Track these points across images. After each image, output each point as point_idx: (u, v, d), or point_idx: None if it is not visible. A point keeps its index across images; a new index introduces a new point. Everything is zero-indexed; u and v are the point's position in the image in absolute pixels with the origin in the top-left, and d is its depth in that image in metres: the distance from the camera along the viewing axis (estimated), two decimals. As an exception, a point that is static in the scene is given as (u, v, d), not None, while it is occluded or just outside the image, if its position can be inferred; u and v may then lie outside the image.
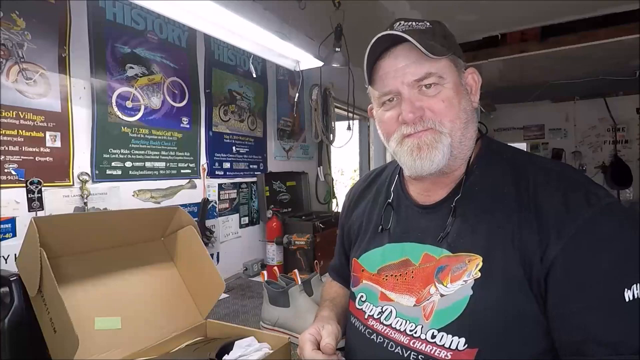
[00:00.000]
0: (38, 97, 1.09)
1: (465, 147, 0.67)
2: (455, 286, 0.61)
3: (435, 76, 0.64)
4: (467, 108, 0.67)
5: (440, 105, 0.65)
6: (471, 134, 0.68)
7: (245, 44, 1.48)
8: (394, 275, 0.70)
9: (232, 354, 0.91)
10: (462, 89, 0.67)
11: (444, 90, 0.65)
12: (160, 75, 1.45)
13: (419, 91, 0.65)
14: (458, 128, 0.65)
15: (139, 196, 1.38)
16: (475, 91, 0.70)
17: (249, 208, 1.94)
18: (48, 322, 0.81)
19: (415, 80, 0.65)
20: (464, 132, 0.66)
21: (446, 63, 0.65)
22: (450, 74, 0.66)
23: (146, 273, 1.07)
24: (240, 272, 1.82)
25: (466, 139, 0.67)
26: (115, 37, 1.30)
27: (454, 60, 0.67)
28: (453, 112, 0.65)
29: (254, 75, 1.87)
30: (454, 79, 0.66)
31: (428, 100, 0.65)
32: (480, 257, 0.61)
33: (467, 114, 0.67)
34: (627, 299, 0.51)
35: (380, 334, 0.69)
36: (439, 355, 0.60)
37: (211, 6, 1.14)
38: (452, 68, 0.66)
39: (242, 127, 1.92)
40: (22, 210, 1.05)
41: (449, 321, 0.60)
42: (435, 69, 0.64)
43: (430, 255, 0.66)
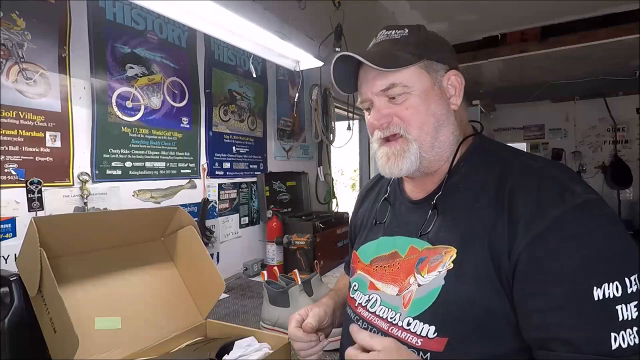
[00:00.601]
0: (38, 97, 1.09)
1: (442, 149, 0.70)
2: (430, 276, 0.64)
3: (400, 86, 0.68)
4: (438, 112, 0.69)
5: (406, 113, 0.68)
6: (446, 136, 0.70)
7: (245, 44, 1.48)
8: (382, 266, 0.74)
9: (232, 354, 0.92)
10: (435, 94, 0.69)
11: (410, 98, 0.68)
12: (160, 75, 1.45)
13: (389, 99, 0.69)
14: (427, 133, 0.68)
15: (139, 196, 1.38)
16: (458, 93, 0.71)
17: (249, 208, 1.94)
18: (48, 322, 0.81)
19: (382, 90, 0.69)
20: (435, 136, 0.69)
21: (414, 71, 0.68)
22: (418, 81, 0.68)
23: (146, 273, 1.07)
24: (240, 272, 1.82)
25: (440, 141, 0.69)
26: (115, 37, 1.30)
27: (426, 66, 0.69)
28: (419, 119, 0.68)
29: (254, 75, 1.87)
30: (424, 86, 0.68)
31: (395, 108, 0.69)
32: (454, 249, 0.63)
33: (437, 118, 0.69)
34: (597, 297, 0.51)
35: (366, 320, 0.73)
36: (411, 342, 0.63)
37: (211, 6, 1.14)
38: (421, 75, 0.68)
39: (242, 127, 1.92)
40: (22, 210, 1.05)
41: (422, 309, 0.64)
42: (399, 79, 0.67)
43: (415, 248, 0.69)
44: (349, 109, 2.53)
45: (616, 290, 0.51)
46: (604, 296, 0.51)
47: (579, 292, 0.52)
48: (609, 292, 0.51)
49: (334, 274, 1.81)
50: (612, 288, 0.51)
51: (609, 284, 0.51)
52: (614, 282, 0.51)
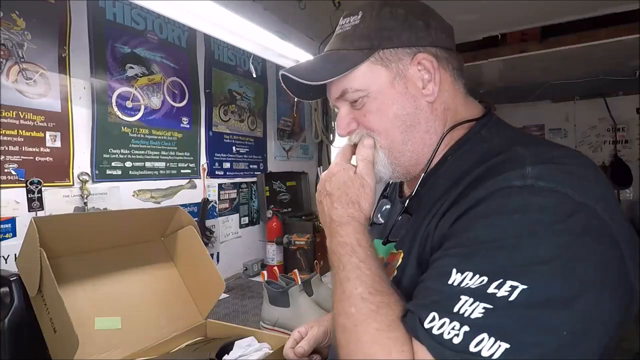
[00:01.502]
0: (38, 97, 1.08)
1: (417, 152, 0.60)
2: None
3: (352, 91, 0.59)
4: (403, 112, 0.59)
5: (366, 118, 0.60)
6: (420, 137, 0.60)
7: (245, 44, 1.48)
8: None
9: (232, 354, 0.92)
10: (397, 91, 0.58)
11: (367, 101, 0.59)
12: (160, 75, 1.45)
13: (351, 104, 0.62)
14: (392, 139, 0.60)
15: (139, 196, 1.38)
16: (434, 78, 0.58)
17: (249, 208, 1.94)
18: (48, 322, 0.81)
19: (337, 98, 0.62)
20: (405, 140, 0.59)
21: (367, 69, 0.58)
22: (373, 81, 0.58)
23: (146, 273, 1.07)
24: (240, 272, 1.82)
25: (413, 144, 0.60)
26: (115, 37, 1.30)
27: (382, 58, 0.58)
28: (382, 125, 0.59)
29: (254, 75, 1.87)
30: (379, 85, 0.58)
31: (357, 113, 0.61)
32: (402, 253, 0.58)
33: (404, 120, 0.59)
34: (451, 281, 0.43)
35: None
36: None
37: (211, 6, 1.14)
38: (376, 72, 0.58)
39: (242, 127, 1.92)
40: (22, 210, 1.05)
41: None
42: (349, 84, 0.59)
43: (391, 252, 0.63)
44: (349, 109, 2.52)
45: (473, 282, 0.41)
46: (458, 284, 0.42)
47: (441, 269, 0.45)
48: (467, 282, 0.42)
49: (334, 274, 1.81)
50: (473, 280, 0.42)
51: (474, 274, 0.42)
52: (481, 276, 0.41)
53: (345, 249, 0.55)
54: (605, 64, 3.09)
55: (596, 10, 2.05)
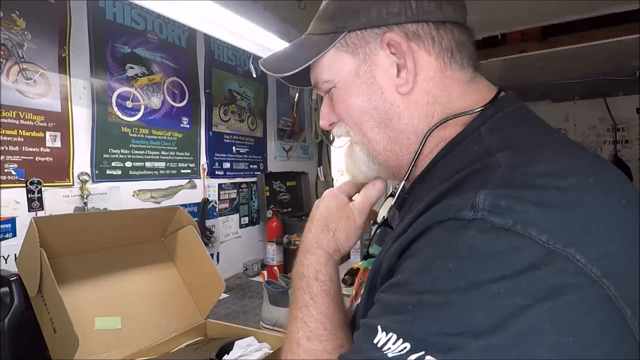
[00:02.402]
0: (38, 97, 1.08)
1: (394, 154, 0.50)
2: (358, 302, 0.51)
3: (321, 82, 0.51)
4: (370, 106, 0.48)
5: (337, 111, 0.52)
6: (396, 136, 0.48)
7: (245, 44, 1.48)
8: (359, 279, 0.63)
9: (232, 354, 0.92)
10: (361, 81, 0.48)
11: (336, 92, 0.51)
12: (160, 75, 1.45)
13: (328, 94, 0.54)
14: (365, 135, 0.50)
15: (139, 196, 1.38)
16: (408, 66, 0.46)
17: (249, 208, 1.94)
18: (48, 322, 0.81)
19: (314, 88, 0.55)
20: (379, 137, 0.49)
21: (331, 57, 0.49)
22: (336, 71, 0.49)
23: (146, 273, 1.07)
24: (240, 272, 1.82)
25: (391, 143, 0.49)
26: (115, 37, 1.30)
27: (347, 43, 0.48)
28: (352, 118, 0.50)
29: (254, 75, 1.87)
30: (344, 74, 0.49)
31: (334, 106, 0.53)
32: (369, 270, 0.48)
33: (371, 115, 0.48)
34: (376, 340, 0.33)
35: None
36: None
37: (211, 6, 1.14)
38: (340, 59, 0.49)
39: (242, 127, 1.92)
40: (22, 210, 1.05)
41: None
42: (318, 73, 0.51)
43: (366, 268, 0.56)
44: (349, 109, 2.52)
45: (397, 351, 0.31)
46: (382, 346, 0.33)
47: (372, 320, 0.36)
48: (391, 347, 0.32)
49: (334, 274, 1.81)
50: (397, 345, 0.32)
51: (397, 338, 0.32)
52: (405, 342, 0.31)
53: (302, 282, 0.51)
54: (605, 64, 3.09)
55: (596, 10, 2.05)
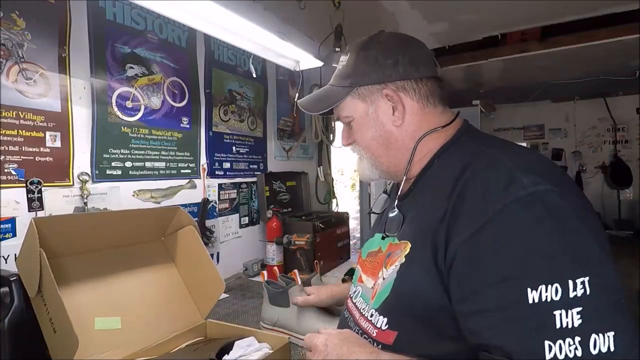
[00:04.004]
0: (38, 97, 1.08)
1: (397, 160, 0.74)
2: (390, 270, 0.65)
3: (342, 117, 0.78)
4: (377, 135, 0.74)
5: (355, 137, 0.78)
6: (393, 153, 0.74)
7: (245, 44, 1.48)
8: (370, 261, 0.78)
9: (232, 354, 0.92)
10: (371, 118, 0.74)
11: (354, 125, 0.77)
12: (160, 75, 1.45)
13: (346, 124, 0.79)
14: (372, 154, 0.76)
15: (139, 196, 1.38)
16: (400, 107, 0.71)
17: (249, 208, 1.94)
18: (48, 322, 0.81)
19: (337, 119, 0.81)
20: (383, 154, 0.75)
21: (349, 102, 0.75)
22: (355, 111, 0.75)
23: (146, 273, 1.07)
24: (240, 272, 1.82)
25: (391, 157, 0.75)
26: (115, 37, 1.30)
27: (359, 93, 0.74)
28: (365, 143, 0.76)
29: (254, 75, 1.87)
30: (359, 113, 0.75)
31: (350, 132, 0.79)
32: (409, 244, 0.63)
33: (378, 140, 0.74)
34: (531, 300, 0.46)
35: (349, 310, 0.78)
36: (370, 332, 0.67)
37: (211, 6, 1.14)
38: (356, 104, 0.75)
39: (242, 127, 1.92)
40: (22, 210, 1.05)
41: (380, 302, 0.65)
42: (340, 111, 0.77)
43: (392, 244, 0.71)
44: (349, 109, 2.52)
45: (555, 294, 0.45)
46: (539, 299, 0.46)
47: (512, 294, 0.48)
48: (546, 295, 0.46)
49: (334, 274, 1.81)
50: (550, 291, 0.46)
51: (546, 285, 0.46)
52: (553, 284, 0.46)
53: None
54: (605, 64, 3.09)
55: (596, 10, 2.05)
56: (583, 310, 0.45)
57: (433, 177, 0.68)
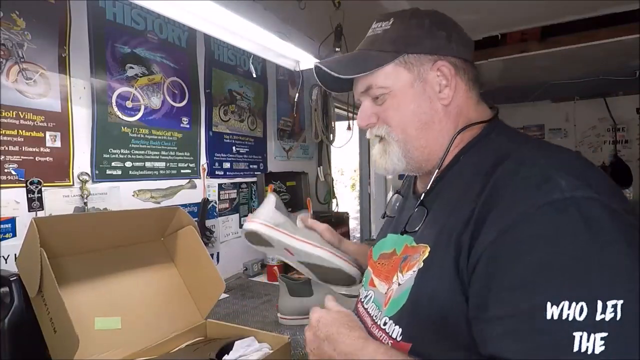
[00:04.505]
0: (38, 97, 1.08)
1: (432, 148, 0.66)
2: (407, 276, 0.60)
3: (376, 87, 0.66)
4: (420, 111, 0.64)
5: (386, 114, 0.66)
6: (435, 135, 0.65)
7: (245, 44, 1.48)
8: (382, 263, 0.73)
9: (232, 354, 0.92)
10: (416, 92, 0.64)
11: (389, 99, 0.66)
12: (160, 75, 1.45)
13: (374, 99, 0.68)
14: (410, 135, 0.65)
15: (139, 196, 1.38)
16: (451, 84, 0.64)
17: (249, 208, 1.94)
18: (48, 322, 0.81)
19: (362, 92, 0.68)
20: (420, 137, 0.65)
21: (391, 70, 0.65)
22: (396, 81, 0.65)
23: (146, 273, 1.07)
24: (240, 272, 1.82)
25: (428, 141, 0.65)
26: (115, 37, 1.30)
27: (406, 61, 0.64)
28: (401, 121, 0.65)
29: (254, 75, 1.87)
30: (401, 84, 0.65)
31: (378, 109, 0.67)
32: (428, 248, 0.58)
33: (420, 118, 0.64)
34: (549, 316, 0.41)
35: (360, 316, 0.72)
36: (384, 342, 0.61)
37: (211, 6, 1.14)
38: (399, 73, 0.65)
39: (242, 127, 1.92)
40: (22, 210, 1.05)
41: (396, 310, 0.60)
42: (374, 81, 0.66)
43: (407, 246, 0.65)
44: (349, 109, 2.53)
45: (579, 313, 0.40)
46: (559, 317, 0.41)
47: (528, 304, 0.43)
48: (568, 312, 0.40)
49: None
50: (574, 309, 0.40)
51: (570, 302, 0.40)
52: (579, 302, 0.40)
53: None
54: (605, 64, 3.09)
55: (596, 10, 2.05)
56: (609, 336, 0.39)
57: (459, 175, 0.62)
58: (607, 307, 0.40)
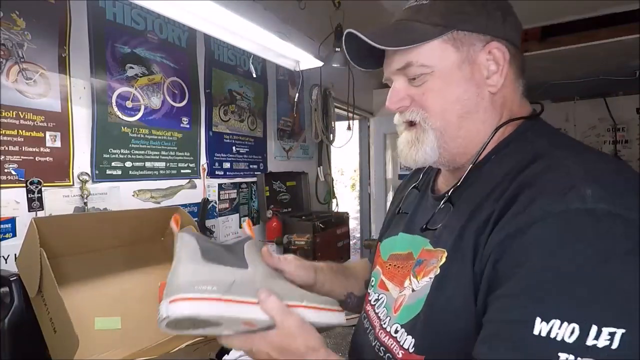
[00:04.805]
0: (38, 97, 1.08)
1: (468, 141, 0.59)
2: (423, 282, 0.56)
3: (417, 65, 0.57)
4: (464, 97, 0.57)
5: (423, 97, 0.58)
6: (476, 126, 0.58)
7: (245, 44, 1.48)
8: (396, 266, 0.67)
9: (232, 354, 0.92)
10: (463, 74, 0.57)
11: (430, 80, 0.57)
12: (160, 75, 1.45)
13: (409, 79, 0.59)
14: (449, 123, 0.58)
15: (139, 196, 1.38)
16: (501, 70, 0.57)
17: (249, 208, 1.94)
18: (48, 322, 0.81)
19: (398, 70, 0.59)
20: (459, 126, 0.58)
21: (437, 46, 0.56)
22: (440, 59, 0.56)
23: (146, 273, 1.07)
24: (240, 272, 1.81)
25: (466, 132, 0.58)
26: (115, 37, 1.29)
27: (454, 39, 0.56)
28: (440, 106, 0.57)
29: (254, 75, 1.87)
30: (447, 64, 0.56)
31: (413, 91, 0.59)
32: (446, 252, 0.53)
33: (463, 105, 0.57)
34: (537, 331, 0.39)
35: (369, 319, 0.68)
36: (394, 350, 0.57)
37: (211, 6, 1.14)
38: (446, 51, 0.56)
39: (242, 127, 1.92)
40: (22, 210, 1.05)
41: (409, 318, 0.56)
42: (416, 57, 0.56)
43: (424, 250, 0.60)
44: (349, 109, 2.53)
45: (569, 334, 0.37)
46: (547, 334, 0.38)
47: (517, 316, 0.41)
48: (557, 332, 0.38)
49: (334, 274, 1.81)
50: (564, 329, 0.38)
51: (562, 322, 0.38)
52: (571, 322, 0.38)
53: None
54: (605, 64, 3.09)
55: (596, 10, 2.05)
56: None
57: (489, 174, 0.56)
58: (601, 332, 0.37)
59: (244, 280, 0.56)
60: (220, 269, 0.55)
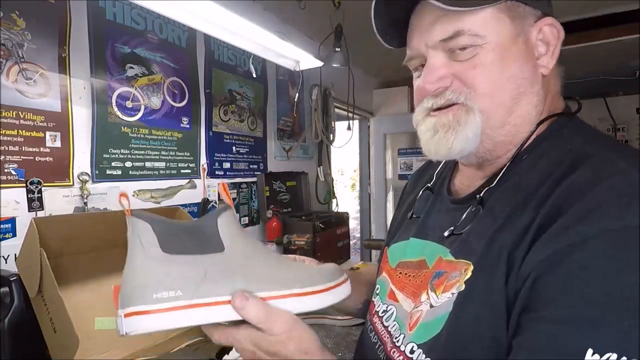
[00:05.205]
0: (38, 97, 1.08)
1: (516, 128, 0.51)
2: (444, 298, 0.49)
3: (468, 35, 0.48)
4: (519, 76, 0.49)
5: (472, 73, 0.49)
6: (526, 112, 0.50)
7: (245, 44, 1.48)
8: (407, 274, 0.60)
9: (232, 354, 0.92)
10: (518, 49, 0.49)
11: (481, 52, 0.48)
12: (160, 75, 1.45)
13: (450, 54, 0.50)
14: (500, 104, 0.49)
15: (139, 196, 1.38)
16: (551, 51, 0.51)
17: (249, 208, 1.94)
18: (48, 322, 0.81)
19: (442, 40, 0.50)
20: (511, 109, 0.50)
21: (492, 15, 0.48)
22: (495, 30, 0.48)
23: (146, 273, 1.07)
24: (240, 272, 1.81)
25: (516, 118, 0.50)
26: (115, 37, 1.30)
27: (509, 8, 0.49)
28: (492, 83, 0.49)
29: (254, 75, 1.87)
30: (502, 36, 0.48)
31: (457, 67, 0.50)
32: (471, 265, 0.47)
33: (518, 85, 0.49)
34: None
35: (377, 334, 0.61)
36: None
37: (211, 6, 1.14)
38: (501, 21, 0.48)
39: (242, 127, 1.92)
40: (22, 210, 1.05)
41: (428, 338, 0.49)
42: (469, 25, 0.48)
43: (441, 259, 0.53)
44: (349, 109, 2.53)
45: None
46: None
47: (565, 342, 0.36)
48: None
49: (334, 274, 1.81)
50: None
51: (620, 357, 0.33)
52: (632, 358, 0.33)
53: None
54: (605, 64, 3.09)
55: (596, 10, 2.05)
56: None
57: (524, 175, 0.49)
58: None
59: (218, 269, 0.45)
60: (186, 262, 0.44)
